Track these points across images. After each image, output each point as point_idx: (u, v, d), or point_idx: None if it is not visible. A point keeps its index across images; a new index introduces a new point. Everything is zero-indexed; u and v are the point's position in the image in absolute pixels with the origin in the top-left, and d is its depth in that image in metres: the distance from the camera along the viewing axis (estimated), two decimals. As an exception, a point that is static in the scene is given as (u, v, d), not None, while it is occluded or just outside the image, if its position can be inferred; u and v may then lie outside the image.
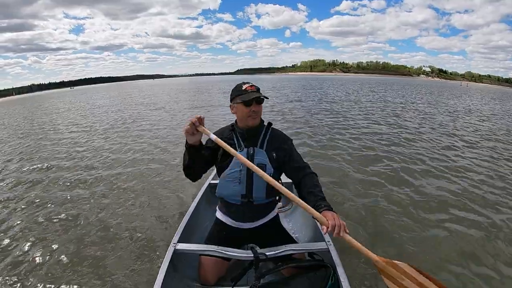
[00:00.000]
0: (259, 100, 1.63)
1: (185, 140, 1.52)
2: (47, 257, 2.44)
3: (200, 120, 1.49)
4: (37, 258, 2.43)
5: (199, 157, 1.60)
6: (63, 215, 3.22)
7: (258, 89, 1.65)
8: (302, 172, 1.68)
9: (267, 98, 1.67)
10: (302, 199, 1.55)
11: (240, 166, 1.63)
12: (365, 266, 2.14)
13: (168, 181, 4.04)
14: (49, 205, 3.49)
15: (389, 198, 3.35)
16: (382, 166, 4.53)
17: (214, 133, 1.63)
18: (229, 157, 1.63)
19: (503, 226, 2.77)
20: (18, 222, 3.06)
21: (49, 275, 2.21)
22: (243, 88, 1.63)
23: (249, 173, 1.63)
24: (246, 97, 1.60)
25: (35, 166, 5.21)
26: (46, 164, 5.24)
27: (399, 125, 8.13)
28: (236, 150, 1.62)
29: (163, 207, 3.25)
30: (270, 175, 1.61)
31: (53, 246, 2.61)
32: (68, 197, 3.69)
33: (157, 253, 2.37)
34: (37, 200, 3.62)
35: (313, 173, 1.68)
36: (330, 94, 20.24)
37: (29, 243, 2.66)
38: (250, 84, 1.65)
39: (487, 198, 3.38)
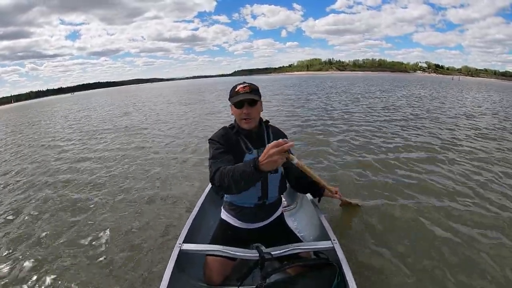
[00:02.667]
0: (251, 102, 1.59)
1: (254, 164, 1.19)
2: (52, 255, 2.47)
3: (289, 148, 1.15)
4: (44, 257, 2.45)
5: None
6: (66, 211, 3.31)
7: (253, 90, 1.60)
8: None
9: (256, 100, 1.60)
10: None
11: None
12: (371, 264, 2.14)
13: (172, 181, 4.05)
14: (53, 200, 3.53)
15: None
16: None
17: (212, 138, 1.67)
18: (240, 158, 1.60)
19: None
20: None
21: (54, 273, 2.22)
22: (236, 89, 1.60)
23: (264, 175, 1.62)
24: (236, 99, 1.57)
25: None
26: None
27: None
28: (245, 152, 1.62)
29: (168, 207, 3.24)
30: (281, 174, 1.70)
31: (57, 243, 2.65)
32: (71, 194, 3.73)
33: (163, 253, 2.36)
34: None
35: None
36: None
37: (33, 241, 2.67)
38: (244, 85, 1.60)
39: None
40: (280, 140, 1.13)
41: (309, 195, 2.24)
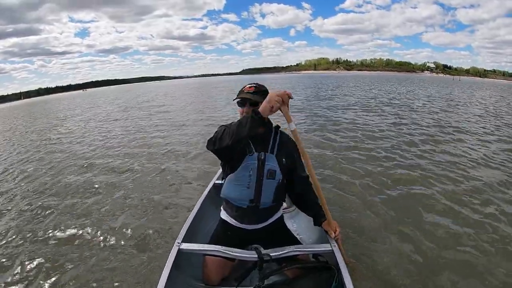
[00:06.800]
0: (253, 102, 1.56)
1: (251, 114, 1.34)
2: (51, 254, 2.48)
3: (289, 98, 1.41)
4: (41, 257, 2.46)
5: (251, 135, 1.43)
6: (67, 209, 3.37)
7: (258, 91, 1.59)
8: (306, 183, 1.76)
9: (258, 102, 1.51)
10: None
11: (249, 171, 1.61)
12: (370, 267, 2.13)
13: (173, 181, 4.05)
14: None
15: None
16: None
17: (221, 125, 1.64)
18: (241, 158, 1.60)
19: None
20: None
21: (53, 274, 2.23)
22: (243, 89, 1.61)
23: (259, 178, 1.62)
24: (239, 97, 1.58)
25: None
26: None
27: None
28: (246, 154, 1.61)
29: (168, 206, 3.25)
30: (279, 181, 1.66)
31: (58, 242, 2.68)
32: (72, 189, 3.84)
33: (161, 252, 2.37)
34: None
35: (311, 184, 1.73)
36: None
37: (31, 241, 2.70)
38: (250, 85, 1.60)
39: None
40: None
41: None
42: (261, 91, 1.60)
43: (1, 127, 13.28)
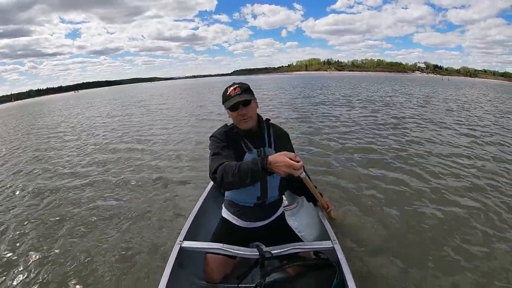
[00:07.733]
0: (245, 102, 1.56)
1: (260, 165, 1.23)
2: (53, 253, 2.49)
3: None
4: (43, 255, 2.47)
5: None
6: (69, 207, 3.39)
7: (244, 90, 1.57)
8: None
9: (250, 99, 1.56)
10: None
11: None
12: (371, 264, 2.14)
13: (174, 180, 4.05)
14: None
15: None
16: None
17: (214, 134, 1.65)
18: (240, 158, 1.58)
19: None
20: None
21: (55, 272, 2.24)
22: (227, 93, 1.57)
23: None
24: (230, 103, 1.54)
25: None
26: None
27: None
28: (245, 152, 1.60)
29: (169, 205, 3.26)
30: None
31: (60, 241, 2.67)
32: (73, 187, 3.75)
33: (163, 250, 2.37)
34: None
35: None
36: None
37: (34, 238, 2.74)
38: (234, 87, 1.57)
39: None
40: (295, 163, 1.21)
41: None
42: (246, 89, 1.58)
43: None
